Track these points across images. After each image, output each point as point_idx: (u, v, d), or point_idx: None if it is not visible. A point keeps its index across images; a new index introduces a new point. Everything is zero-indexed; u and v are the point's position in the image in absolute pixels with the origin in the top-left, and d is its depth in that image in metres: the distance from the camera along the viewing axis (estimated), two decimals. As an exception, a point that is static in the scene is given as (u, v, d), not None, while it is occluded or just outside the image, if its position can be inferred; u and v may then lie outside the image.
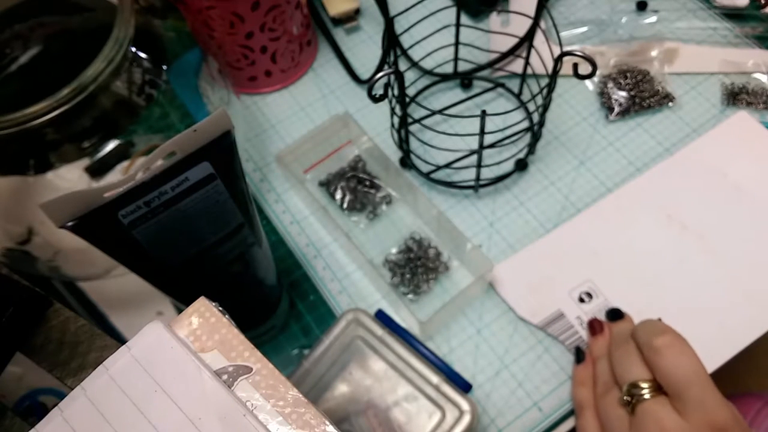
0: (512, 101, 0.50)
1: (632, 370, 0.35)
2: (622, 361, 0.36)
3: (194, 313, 0.22)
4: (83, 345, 0.27)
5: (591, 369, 0.39)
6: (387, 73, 0.36)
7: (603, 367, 0.38)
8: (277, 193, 0.48)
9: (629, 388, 0.34)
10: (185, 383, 0.20)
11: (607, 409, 0.36)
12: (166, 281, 0.31)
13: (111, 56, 0.32)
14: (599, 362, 0.38)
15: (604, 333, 0.40)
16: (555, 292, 0.42)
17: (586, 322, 0.41)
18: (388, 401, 0.36)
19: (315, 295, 0.44)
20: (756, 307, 0.40)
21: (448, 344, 0.41)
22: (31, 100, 0.31)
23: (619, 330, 0.39)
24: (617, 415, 0.35)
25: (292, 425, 0.20)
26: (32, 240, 0.38)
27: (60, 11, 0.40)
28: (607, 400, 0.36)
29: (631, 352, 0.36)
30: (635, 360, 0.35)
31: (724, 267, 0.42)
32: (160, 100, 0.38)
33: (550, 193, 0.46)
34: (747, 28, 0.52)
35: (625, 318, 0.40)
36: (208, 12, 0.44)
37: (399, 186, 0.46)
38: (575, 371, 0.39)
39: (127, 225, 0.25)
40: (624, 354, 0.36)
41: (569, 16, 0.54)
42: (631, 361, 0.35)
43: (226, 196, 0.28)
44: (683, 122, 0.49)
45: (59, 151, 0.35)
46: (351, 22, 0.55)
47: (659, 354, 0.33)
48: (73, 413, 0.20)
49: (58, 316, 0.28)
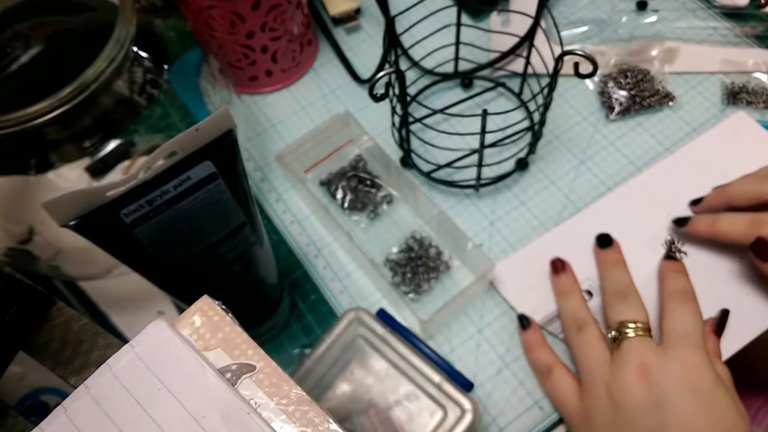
0: (513, 101, 0.50)
1: (627, 311, 0.36)
2: (619, 303, 0.37)
3: (197, 312, 0.22)
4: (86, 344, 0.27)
5: (540, 332, 0.40)
6: (388, 72, 0.36)
7: (573, 303, 0.39)
8: (277, 193, 0.48)
9: (618, 326, 0.36)
10: (189, 381, 0.20)
11: (584, 348, 0.36)
12: (167, 280, 0.31)
13: (112, 56, 0.32)
14: (566, 299, 0.40)
15: (567, 271, 0.41)
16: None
17: (549, 262, 0.42)
18: (390, 400, 0.36)
19: (316, 294, 0.44)
20: (755, 304, 0.40)
21: (449, 343, 0.41)
22: (32, 99, 0.31)
23: (608, 259, 0.40)
24: (598, 353, 0.36)
25: (295, 423, 0.20)
26: (33, 239, 0.38)
27: (61, 10, 0.40)
28: (585, 338, 0.37)
29: (629, 295, 0.37)
30: (632, 302, 0.37)
31: (722, 265, 0.42)
32: (161, 99, 0.38)
33: (551, 192, 0.46)
34: (747, 28, 0.52)
35: (614, 246, 0.41)
36: (209, 12, 0.44)
37: (400, 185, 0.46)
38: (526, 337, 0.40)
39: (129, 224, 0.25)
40: (620, 295, 0.38)
41: (569, 16, 0.54)
42: (629, 302, 0.37)
43: (228, 195, 0.28)
44: (683, 121, 0.49)
45: (60, 151, 0.35)
46: (351, 21, 0.55)
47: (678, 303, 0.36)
48: (77, 411, 0.20)
49: (60, 314, 0.28)
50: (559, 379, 0.37)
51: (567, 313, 0.39)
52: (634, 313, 0.36)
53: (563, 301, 0.40)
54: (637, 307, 0.37)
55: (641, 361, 0.34)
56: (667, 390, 0.32)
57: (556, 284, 0.41)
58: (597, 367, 0.35)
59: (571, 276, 0.41)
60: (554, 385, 0.38)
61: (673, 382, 0.33)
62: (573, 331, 0.38)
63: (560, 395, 0.37)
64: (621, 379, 0.34)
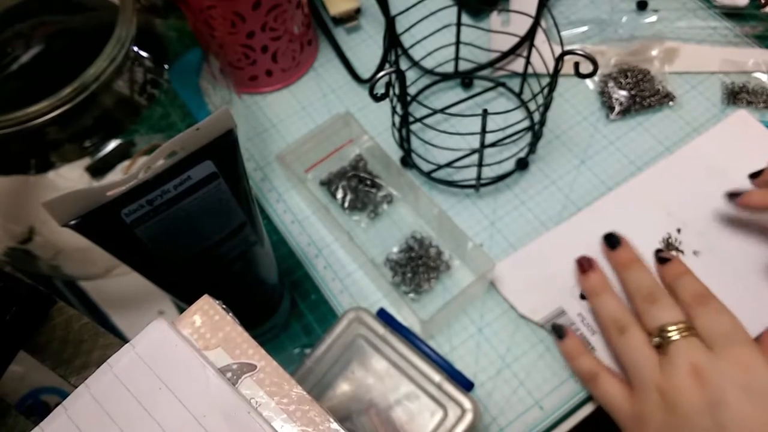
0: (513, 100, 0.50)
1: (663, 315, 0.35)
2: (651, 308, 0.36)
3: (198, 311, 0.22)
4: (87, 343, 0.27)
5: (577, 339, 0.39)
6: (388, 72, 0.36)
7: (609, 303, 0.37)
8: (278, 193, 0.48)
9: (659, 332, 0.34)
10: (190, 381, 0.20)
11: (630, 351, 0.35)
12: (168, 280, 0.31)
13: (113, 55, 0.32)
14: (601, 299, 0.38)
15: (595, 269, 0.40)
16: (556, 290, 0.42)
17: (575, 261, 0.41)
18: (390, 400, 0.36)
19: (316, 294, 0.44)
20: (756, 304, 0.40)
21: (449, 343, 0.41)
22: (32, 99, 0.31)
23: (623, 260, 0.39)
24: (646, 355, 0.34)
25: (296, 422, 0.20)
26: (33, 239, 0.38)
27: (62, 10, 0.40)
28: (629, 342, 0.35)
29: (659, 297, 0.36)
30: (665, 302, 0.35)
31: (723, 265, 0.42)
32: (162, 99, 0.38)
33: (551, 192, 0.46)
34: (747, 28, 0.53)
35: (624, 244, 0.40)
36: (210, 11, 0.44)
37: (400, 185, 0.46)
38: (564, 346, 0.39)
39: (130, 223, 0.25)
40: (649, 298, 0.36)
41: (570, 16, 0.54)
42: (662, 304, 0.35)
43: (229, 194, 0.28)
44: (683, 121, 0.49)
45: (60, 151, 0.35)
46: (352, 21, 0.55)
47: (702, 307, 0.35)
48: (78, 411, 0.20)
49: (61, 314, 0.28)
50: (606, 384, 0.36)
51: (605, 314, 0.38)
52: (671, 314, 0.35)
53: (598, 301, 0.39)
54: (671, 308, 0.36)
55: (692, 362, 0.33)
56: (721, 390, 0.32)
57: (586, 284, 0.40)
58: (647, 370, 0.34)
59: (600, 274, 0.40)
60: (602, 392, 0.36)
61: (726, 382, 0.32)
62: (615, 334, 0.37)
63: (610, 400, 0.36)
64: (673, 381, 0.33)
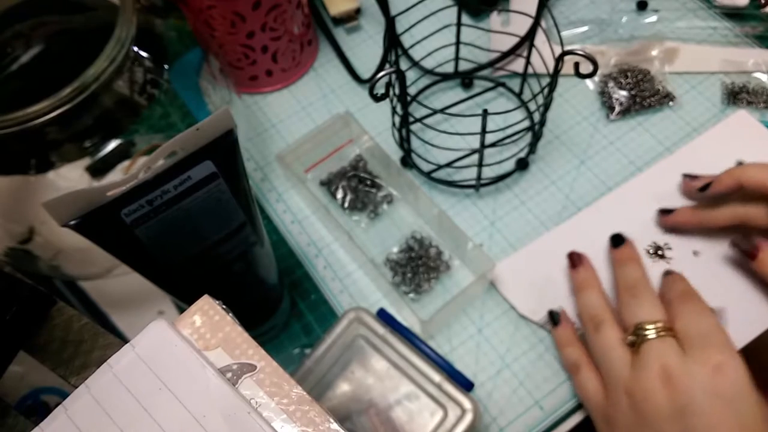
0: (513, 100, 0.50)
1: (641, 312, 0.34)
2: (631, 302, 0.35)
3: (198, 311, 0.22)
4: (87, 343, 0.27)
5: (571, 328, 0.39)
6: (388, 72, 0.36)
7: (591, 299, 0.37)
8: (278, 193, 0.48)
9: (636, 329, 0.34)
10: (189, 381, 0.20)
11: (602, 349, 0.35)
12: (168, 280, 0.31)
13: (113, 55, 0.32)
14: (584, 294, 0.38)
15: (585, 264, 0.40)
16: (556, 290, 0.42)
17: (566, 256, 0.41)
18: (390, 400, 0.36)
19: (316, 294, 0.44)
20: (756, 304, 0.40)
21: (449, 343, 0.41)
22: (32, 99, 0.31)
23: (621, 257, 0.39)
24: (617, 354, 0.34)
25: (296, 423, 0.20)
26: (33, 239, 0.38)
27: (61, 10, 0.40)
28: (602, 338, 0.35)
29: (641, 291, 0.35)
30: (646, 298, 0.35)
31: (723, 265, 0.42)
32: (162, 99, 0.38)
33: (551, 192, 0.46)
34: (747, 28, 0.52)
35: (627, 243, 0.40)
36: (209, 11, 0.44)
37: (400, 185, 0.46)
38: (557, 334, 0.39)
39: (130, 224, 0.25)
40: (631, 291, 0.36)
41: (570, 16, 0.54)
42: (642, 300, 0.35)
43: (229, 195, 0.28)
44: (684, 121, 0.49)
45: (60, 151, 0.35)
46: (352, 21, 0.55)
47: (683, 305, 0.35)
48: (78, 411, 0.20)
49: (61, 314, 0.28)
50: (584, 379, 0.36)
51: (584, 309, 0.38)
52: (650, 312, 0.34)
53: (581, 296, 0.39)
54: (652, 305, 0.35)
55: (662, 363, 0.32)
56: (690, 395, 0.31)
57: (574, 278, 0.40)
58: (616, 369, 0.34)
59: (589, 270, 0.40)
60: (580, 385, 0.37)
61: (696, 386, 0.31)
62: (591, 330, 0.36)
63: (586, 395, 0.36)
64: (642, 383, 0.32)
